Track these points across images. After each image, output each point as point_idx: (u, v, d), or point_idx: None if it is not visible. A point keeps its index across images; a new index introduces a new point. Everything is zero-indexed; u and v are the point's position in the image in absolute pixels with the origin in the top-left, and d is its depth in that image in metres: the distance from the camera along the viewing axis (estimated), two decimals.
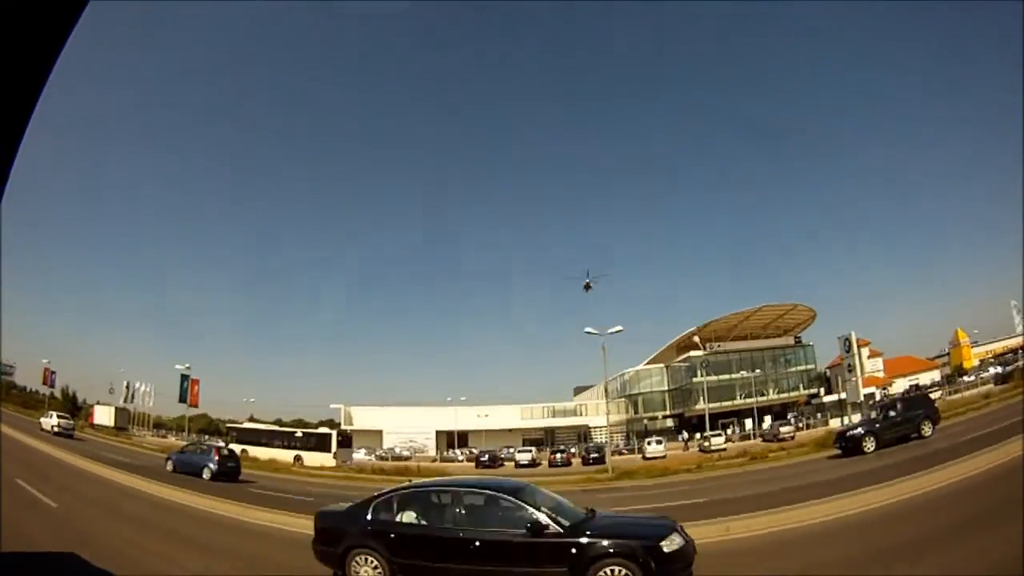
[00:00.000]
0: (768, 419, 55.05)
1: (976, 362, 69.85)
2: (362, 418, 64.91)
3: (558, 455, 41.90)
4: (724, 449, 38.06)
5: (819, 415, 49.23)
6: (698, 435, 48.30)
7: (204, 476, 20.78)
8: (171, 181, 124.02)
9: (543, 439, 64.56)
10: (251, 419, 44.68)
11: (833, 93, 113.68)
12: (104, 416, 52.77)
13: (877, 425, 21.18)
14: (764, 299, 62.64)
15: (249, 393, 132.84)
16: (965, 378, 57.74)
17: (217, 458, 22.06)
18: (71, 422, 37.88)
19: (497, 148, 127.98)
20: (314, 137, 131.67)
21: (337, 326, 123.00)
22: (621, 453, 45.82)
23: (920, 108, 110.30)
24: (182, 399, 48.13)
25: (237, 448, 31.53)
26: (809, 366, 60.36)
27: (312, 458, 35.46)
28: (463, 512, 6.77)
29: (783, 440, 37.61)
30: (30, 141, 1.77)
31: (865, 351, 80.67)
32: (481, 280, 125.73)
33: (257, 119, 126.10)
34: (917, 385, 70.12)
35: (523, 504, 6.52)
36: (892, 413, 21.63)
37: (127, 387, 55.89)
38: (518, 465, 40.66)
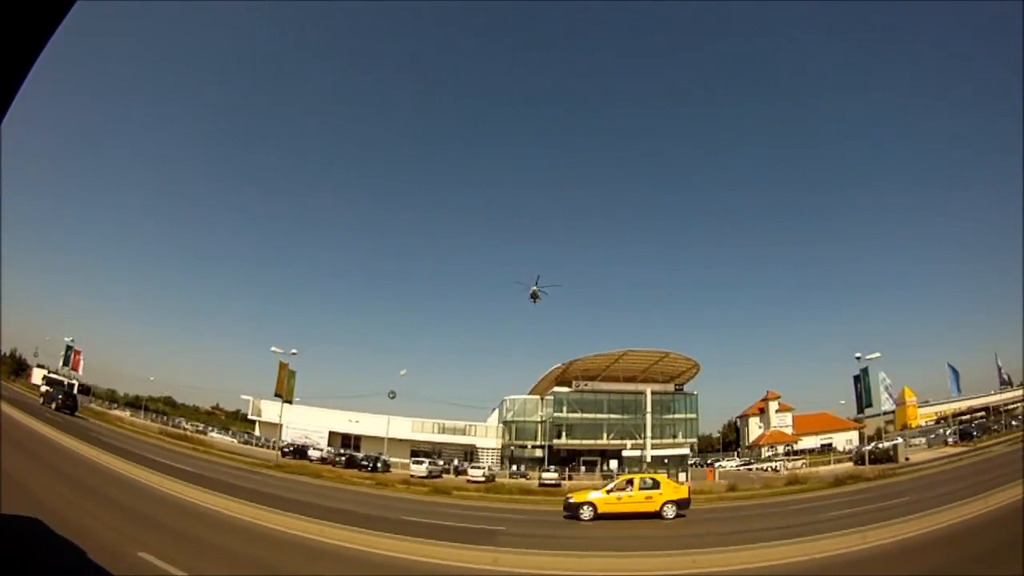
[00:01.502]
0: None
1: (922, 423, 64.48)
2: (269, 411, 70.29)
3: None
4: (491, 479, 39.87)
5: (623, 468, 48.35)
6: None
7: None
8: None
9: (431, 452, 66.75)
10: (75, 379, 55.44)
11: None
12: (40, 378, 62.59)
13: None
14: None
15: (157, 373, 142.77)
16: (883, 443, 54.00)
17: None
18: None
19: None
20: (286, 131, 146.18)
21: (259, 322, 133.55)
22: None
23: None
24: (65, 364, 57.15)
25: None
26: (691, 415, 58.56)
27: None
28: None
29: (547, 485, 38.77)
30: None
31: (774, 404, 76.40)
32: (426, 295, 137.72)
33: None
34: (829, 444, 65.65)
35: None
36: None
37: (64, 354, 64.42)
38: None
